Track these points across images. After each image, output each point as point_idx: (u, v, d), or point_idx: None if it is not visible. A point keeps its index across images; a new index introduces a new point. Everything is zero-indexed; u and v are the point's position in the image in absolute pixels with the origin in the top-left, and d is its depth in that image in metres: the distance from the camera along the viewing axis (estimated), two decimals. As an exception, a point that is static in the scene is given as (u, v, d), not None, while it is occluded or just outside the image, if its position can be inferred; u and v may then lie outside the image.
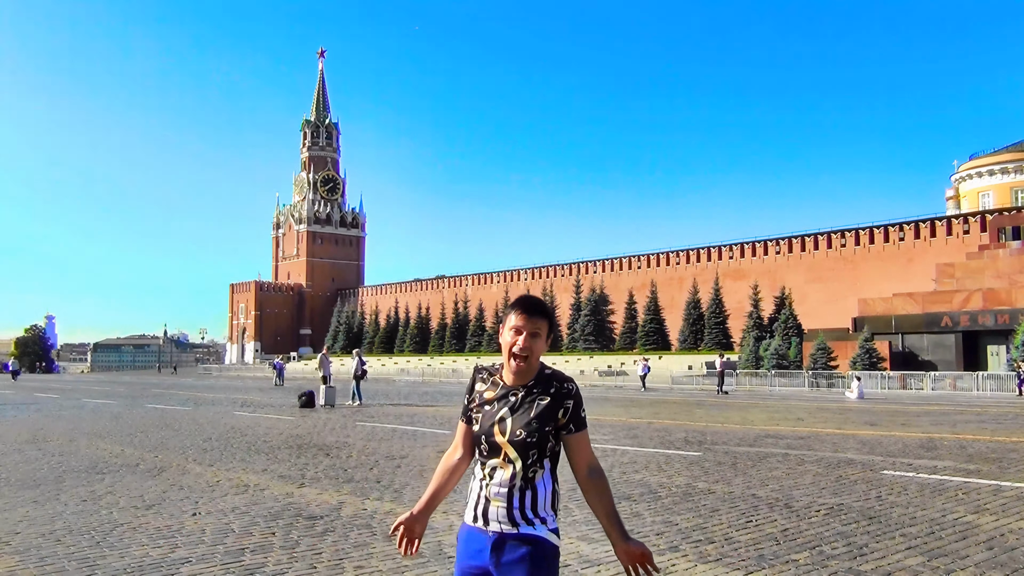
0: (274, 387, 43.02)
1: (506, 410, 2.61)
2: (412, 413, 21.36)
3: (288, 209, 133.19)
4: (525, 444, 2.55)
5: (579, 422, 2.63)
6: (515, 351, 2.62)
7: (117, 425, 17.55)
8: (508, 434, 2.57)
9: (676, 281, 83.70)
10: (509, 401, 2.62)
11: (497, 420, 2.61)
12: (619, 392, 37.80)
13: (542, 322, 2.66)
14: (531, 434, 2.55)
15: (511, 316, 2.67)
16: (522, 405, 2.60)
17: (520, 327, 2.64)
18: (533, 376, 2.65)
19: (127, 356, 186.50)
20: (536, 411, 2.58)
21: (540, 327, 2.65)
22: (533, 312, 2.66)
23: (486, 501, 2.59)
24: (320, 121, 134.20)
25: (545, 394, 2.61)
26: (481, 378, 2.75)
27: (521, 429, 2.56)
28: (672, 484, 9.17)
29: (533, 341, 2.63)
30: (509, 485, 2.56)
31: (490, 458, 2.60)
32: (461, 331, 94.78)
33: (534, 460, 2.57)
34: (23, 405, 25.47)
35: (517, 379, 2.65)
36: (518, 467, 2.56)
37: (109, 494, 8.72)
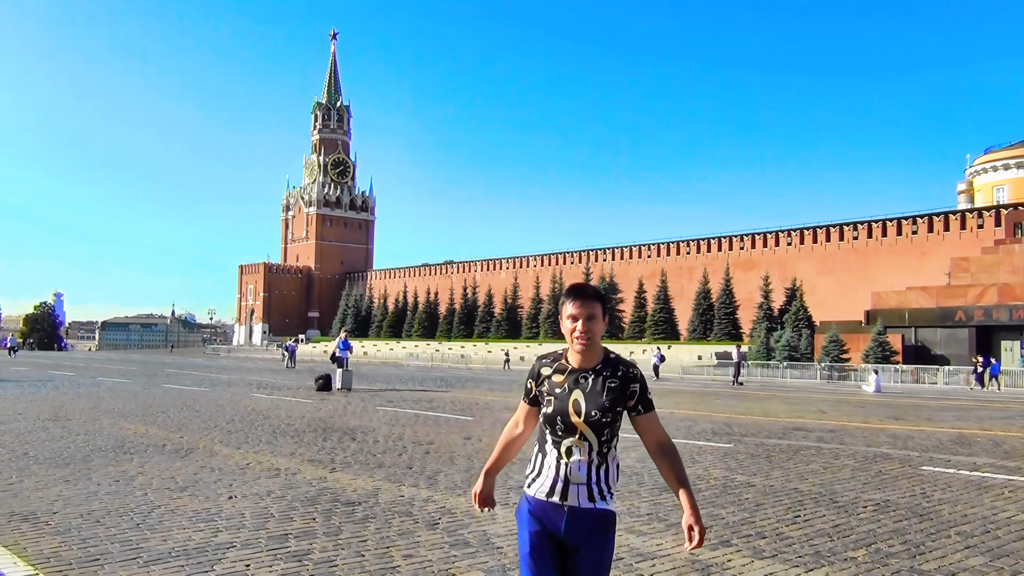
0: (286, 369, 43.01)
1: (578, 391, 2.76)
2: (430, 399, 21.28)
3: (298, 191, 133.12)
4: (600, 424, 2.73)
5: (647, 404, 2.82)
6: (577, 336, 2.79)
7: (137, 404, 17.50)
8: (583, 414, 2.73)
9: (686, 270, 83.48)
10: (580, 383, 2.77)
11: (571, 401, 2.76)
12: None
13: (595, 305, 2.82)
14: (605, 414, 2.72)
15: (566, 305, 2.84)
16: (593, 387, 2.76)
17: (576, 314, 2.80)
18: (599, 359, 2.82)
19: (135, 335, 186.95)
20: (607, 392, 2.75)
21: (595, 310, 2.81)
22: (586, 297, 2.83)
23: (565, 479, 2.75)
24: (331, 104, 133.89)
25: (614, 377, 2.78)
26: (545, 363, 2.90)
27: (596, 410, 2.72)
28: (709, 476, 9.05)
29: (591, 324, 2.80)
30: (588, 462, 2.74)
31: (565, 437, 2.76)
32: (470, 316, 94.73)
33: (607, 438, 2.77)
34: (39, 382, 25.45)
35: (584, 362, 2.81)
36: (594, 444, 2.75)
37: (141, 475, 8.63)
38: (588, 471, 2.75)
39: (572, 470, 2.75)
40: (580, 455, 2.75)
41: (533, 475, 2.85)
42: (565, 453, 2.76)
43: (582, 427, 2.74)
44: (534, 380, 2.90)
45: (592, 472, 2.76)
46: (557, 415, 2.77)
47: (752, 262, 79.46)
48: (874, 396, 27.37)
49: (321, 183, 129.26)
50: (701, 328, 73.32)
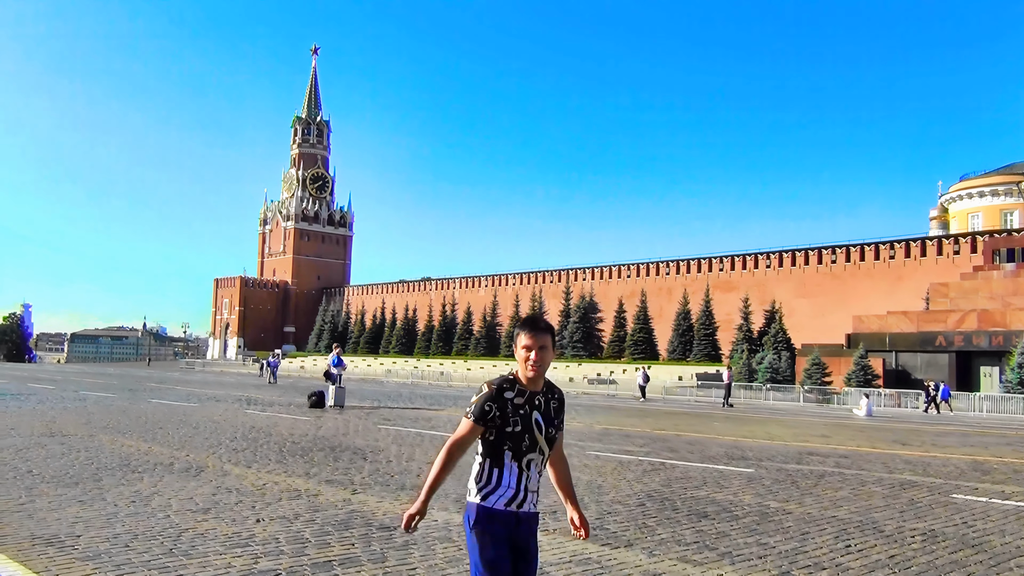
0: (268, 385, 42.40)
1: (536, 412, 3.16)
2: (427, 417, 20.96)
3: (276, 205, 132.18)
4: (553, 439, 3.21)
5: (562, 422, 3.32)
6: (530, 364, 3.15)
7: (130, 420, 17.04)
8: (544, 431, 3.16)
9: (665, 291, 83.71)
10: (537, 404, 3.17)
11: (533, 420, 3.15)
12: (617, 401, 37.52)
13: (547, 337, 3.19)
14: (557, 429, 3.24)
15: (521, 336, 3.20)
16: (546, 407, 3.20)
17: (530, 344, 3.16)
18: (543, 382, 3.22)
19: (104, 347, 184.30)
20: (555, 411, 3.24)
21: (546, 341, 3.18)
22: (539, 330, 3.20)
23: (526, 489, 3.14)
24: (311, 118, 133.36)
25: (554, 398, 3.25)
26: (508, 387, 3.18)
27: (551, 427, 3.20)
28: (742, 503, 8.87)
29: (543, 353, 3.17)
30: (539, 472, 3.19)
31: (528, 452, 3.13)
32: (448, 334, 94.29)
33: (551, 451, 3.25)
34: (21, 396, 24.78)
35: (534, 385, 3.18)
36: (545, 455, 3.20)
37: (156, 495, 8.31)
38: (538, 480, 3.18)
39: (532, 481, 3.15)
40: (537, 467, 3.17)
41: (489, 487, 3.13)
42: (526, 466, 3.13)
43: (542, 442, 3.15)
44: (497, 403, 3.13)
45: (538, 481, 3.19)
46: (525, 433, 3.13)
47: (731, 284, 79.82)
48: (866, 420, 27.40)
49: (299, 198, 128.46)
50: (681, 349, 73.44)
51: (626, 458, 12.77)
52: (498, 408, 3.12)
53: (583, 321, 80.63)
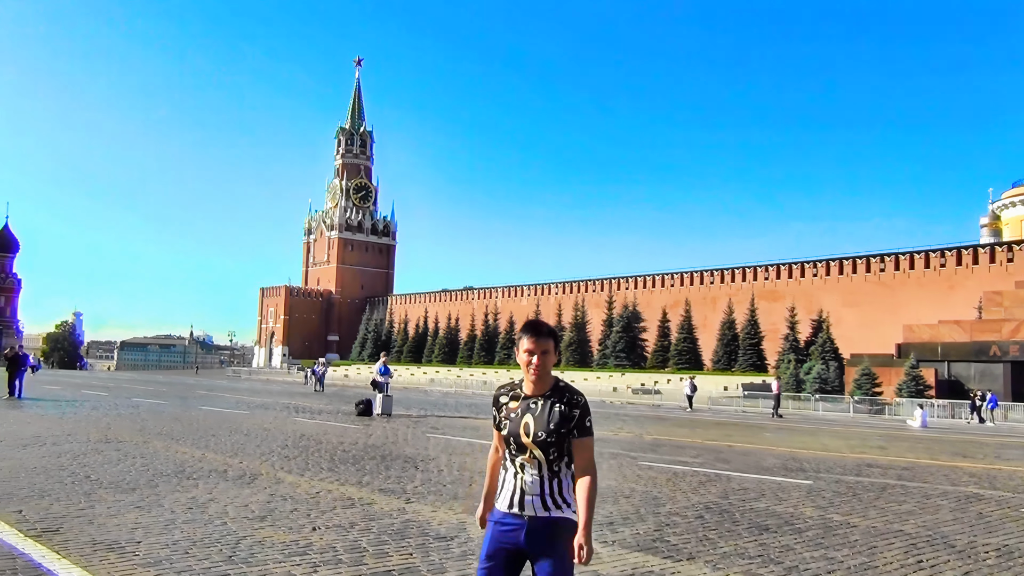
0: (314, 393, 42.71)
1: (528, 415, 3.13)
2: (475, 426, 20.93)
3: (320, 215, 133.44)
4: (545, 443, 3.10)
5: (583, 429, 3.13)
6: (531, 368, 3.16)
7: (183, 427, 17.22)
8: (532, 435, 3.10)
9: (709, 300, 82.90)
10: (531, 408, 3.15)
11: (522, 424, 3.13)
12: (663, 411, 37.13)
13: (549, 342, 3.20)
14: (550, 435, 3.09)
15: (523, 340, 3.22)
16: (542, 411, 3.12)
17: (532, 348, 3.17)
18: (549, 387, 3.18)
19: (152, 355, 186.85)
20: (552, 416, 3.11)
21: (548, 346, 3.19)
22: (541, 334, 3.20)
23: (521, 491, 3.13)
24: (355, 129, 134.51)
25: (560, 402, 3.13)
26: (504, 392, 3.29)
27: (542, 431, 3.10)
28: (803, 515, 8.66)
29: (544, 358, 3.16)
30: (539, 477, 3.11)
31: (518, 455, 3.14)
32: (491, 343, 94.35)
33: (555, 456, 3.11)
34: (77, 403, 25.19)
35: (535, 390, 3.18)
36: (542, 461, 3.11)
37: (212, 502, 8.33)
38: (540, 484, 3.11)
39: (526, 483, 3.12)
40: (531, 471, 3.12)
41: (499, 489, 3.23)
42: (520, 468, 3.14)
43: (531, 447, 3.10)
44: (495, 407, 3.28)
45: (544, 485, 3.12)
46: (511, 436, 3.16)
47: (777, 293, 78.81)
48: (922, 431, 26.80)
49: (343, 207, 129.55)
50: (725, 359, 72.65)
51: (680, 469, 12.59)
52: (498, 411, 3.27)
53: (626, 331, 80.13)
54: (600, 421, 25.22)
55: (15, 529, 6.79)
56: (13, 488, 8.74)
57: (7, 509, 7.58)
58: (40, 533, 6.69)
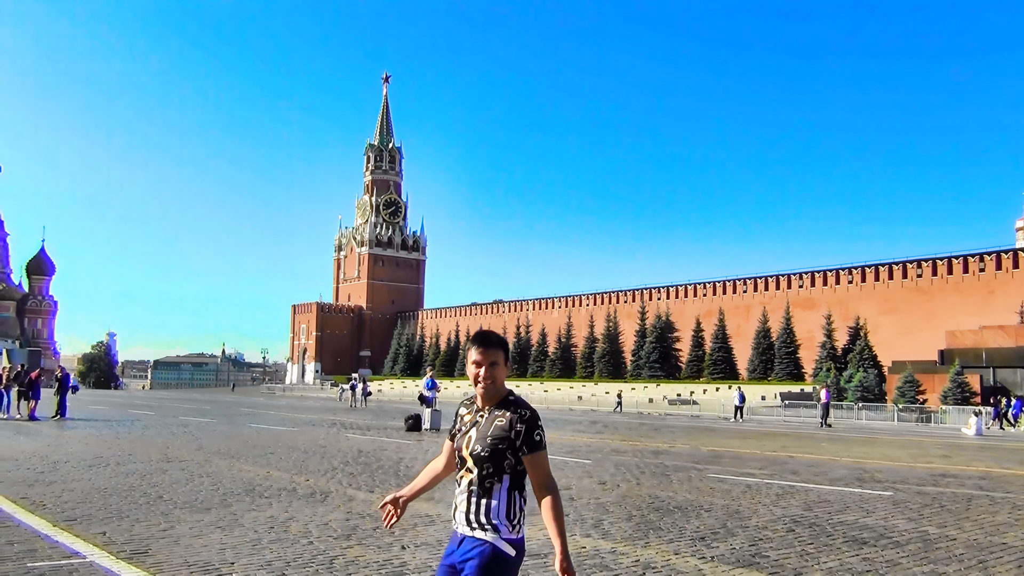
0: (354, 408, 42.69)
1: (474, 429, 3.00)
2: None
3: (350, 232, 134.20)
4: (480, 457, 2.91)
5: (531, 444, 2.92)
6: (479, 380, 3.00)
7: (238, 445, 17.20)
8: (469, 448, 2.96)
9: (743, 309, 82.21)
10: (476, 421, 3.02)
11: (466, 437, 3.01)
12: (707, 422, 36.72)
13: (498, 352, 3.03)
14: (484, 448, 2.91)
15: (471, 351, 3.05)
16: (485, 424, 2.97)
17: (480, 360, 3.01)
18: (498, 400, 3.01)
19: (186, 374, 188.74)
20: (492, 430, 2.93)
21: (496, 356, 3.02)
22: (489, 344, 3.04)
23: (455, 506, 3.00)
24: (383, 145, 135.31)
25: (502, 416, 2.95)
26: (464, 404, 3.17)
27: (477, 444, 2.93)
28: (897, 528, 8.39)
29: (493, 369, 3.00)
30: (467, 492, 2.95)
31: (461, 469, 3.01)
32: (523, 356, 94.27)
33: (489, 472, 2.90)
34: (127, 422, 25.30)
35: (485, 401, 3.04)
36: (474, 477, 2.93)
37: (291, 521, 8.23)
38: (467, 501, 2.94)
39: (459, 499, 2.98)
40: (464, 484, 2.96)
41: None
42: (459, 483, 3.01)
43: (468, 460, 2.95)
44: (455, 417, 3.18)
45: (471, 502, 2.92)
46: (457, 449, 3.06)
47: (812, 301, 77.92)
48: (978, 439, 26.26)
49: (373, 223, 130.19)
50: (761, 368, 72.05)
51: (751, 480, 12.34)
52: (454, 422, 3.18)
53: (659, 341, 79.74)
54: (650, 433, 25.10)
55: (105, 552, 6.72)
56: (91, 510, 8.69)
57: (91, 531, 7.52)
58: (131, 555, 6.61)
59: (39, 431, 20.45)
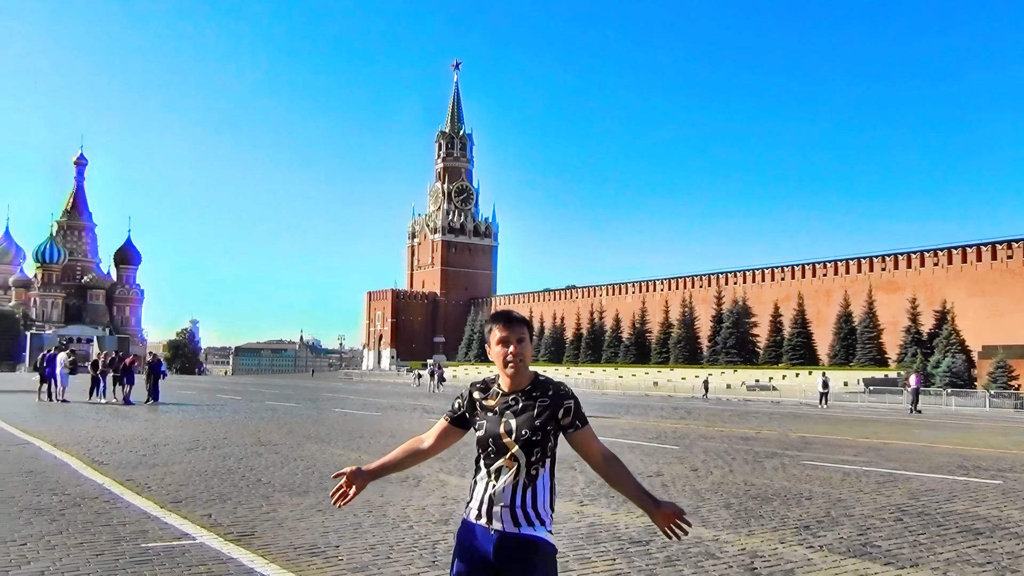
0: (431, 393, 43.16)
1: (510, 413, 2.78)
2: (608, 425, 20.66)
3: (423, 219, 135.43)
4: (530, 442, 2.74)
5: (583, 419, 2.86)
6: (508, 359, 2.82)
7: (327, 429, 17.52)
8: (515, 434, 2.74)
9: (823, 293, 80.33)
10: (511, 406, 2.80)
11: (502, 423, 2.78)
12: (789, 408, 36.04)
13: (523, 329, 2.88)
14: (535, 432, 2.74)
15: (494, 331, 2.88)
16: (524, 408, 2.78)
17: (506, 337, 2.85)
18: (530, 381, 2.85)
19: (265, 360, 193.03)
20: (538, 411, 2.76)
21: (523, 333, 2.87)
22: (513, 321, 2.89)
23: (491, 500, 2.75)
24: (454, 132, 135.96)
25: (545, 396, 2.80)
26: (477, 388, 2.93)
27: (526, 429, 2.74)
28: (1012, 518, 8.05)
29: (521, 347, 2.83)
30: (512, 483, 2.73)
31: (497, 459, 2.77)
32: (597, 341, 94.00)
33: (537, 458, 2.76)
34: (216, 407, 25.99)
35: (515, 384, 2.84)
36: (522, 464, 2.74)
37: (388, 505, 8.28)
38: (512, 493, 2.74)
39: (497, 491, 2.75)
40: (507, 476, 2.75)
41: (468, 499, 2.87)
42: (494, 475, 2.77)
43: (513, 447, 2.74)
44: (464, 402, 2.93)
45: (517, 494, 2.74)
46: (489, 437, 2.80)
47: (895, 284, 75.69)
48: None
49: (445, 211, 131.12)
50: (843, 353, 70.47)
51: (847, 468, 12.03)
52: (468, 408, 2.93)
53: (736, 326, 78.61)
54: (734, 419, 24.75)
55: (213, 533, 6.86)
56: (194, 492, 8.91)
57: (197, 513, 7.70)
58: (238, 537, 6.74)
59: (135, 415, 21.14)
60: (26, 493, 8.60)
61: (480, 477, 2.82)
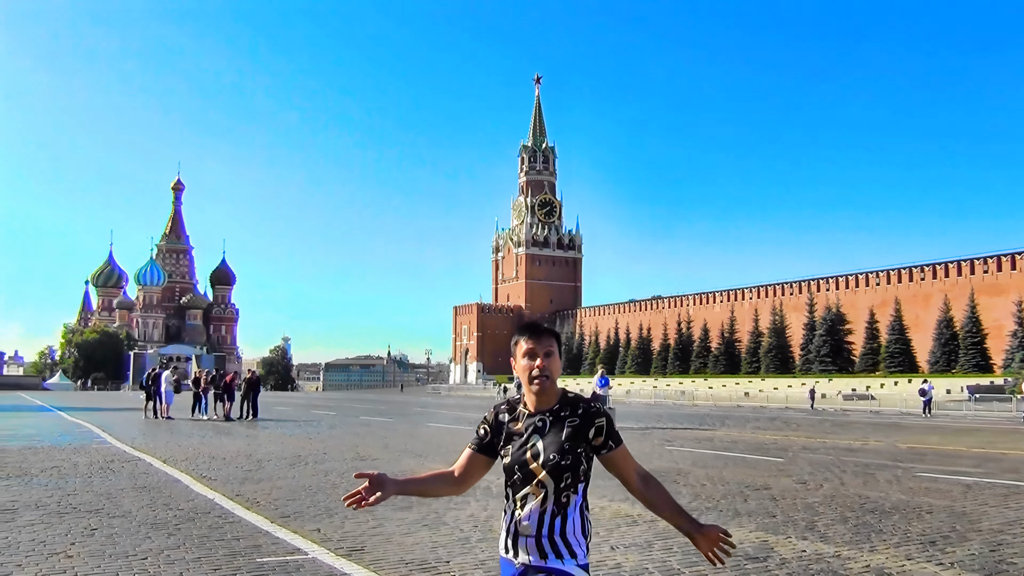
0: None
1: (536, 436, 2.57)
2: (707, 437, 20.35)
3: (507, 233, 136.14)
4: (559, 467, 2.52)
5: (616, 438, 2.62)
6: (535, 374, 2.60)
7: (422, 444, 17.66)
8: (542, 458, 2.53)
9: (921, 298, 77.59)
10: (538, 427, 2.58)
11: (529, 447, 2.57)
12: (891, 418, 34.78)
13: (551, 341, 2.65)
14: (564, 456, 2.52)
15: (520, 343, 2.66)
16: (552, 429, 2.57)
17: (533, 349, 2.62)
18: (557, 399, 2.63)
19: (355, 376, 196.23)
20: (567, 433, 2.55)
21: (551, 346, 2.64)
22: (541, 333, 2.66)
23: (515, 531, 2.54)
24: (537, 146, 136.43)
25: (574, 415, 2.58)
26: (502, 410, 2.69)
27: (555, 453, 2.53)
28: None
29: (549, 360, 2.61)
30: (540, 511, 2.51)
31: (523, 487, 2.55)
32: (684, 352, 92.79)
33: (567, 484, 2.52)
34: (312, 422, 26.43)
35: (541, 403, 2.63)
36: (550, 491, 2.51)
37: (492, 519, 8.20)
38: (539, 522, 2.50)
39: (522, 521, 2.53)
40: (532, 504, 2.52)
41: (501, 531, 2.64)
42: (520, 503, 2.55)
43: (540, 473, 2.52)
44: (489, 426, 2.68)
45: (544, 523, 2.50)
46: (515, 464, 2.58)
47: (999, 287, 72.61)
48: None
49: (529, 224, 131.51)
50: (944, 360, 67.94)
51: (967, 480, 11.48)
52: (494, 433, 2.66)
53: (830, 334, 76.61)
54: (835, 430, 24.02)
55: (324, 548, 6.90)
56: (301, 507, 9.02)
57: (306, 528, 7.78)
58: (348, 552, 6.77)
59: (236, 431, 21.68)
60: (142, 508, 8.85)
61: (508, 507, 2.61)
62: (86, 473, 11.98)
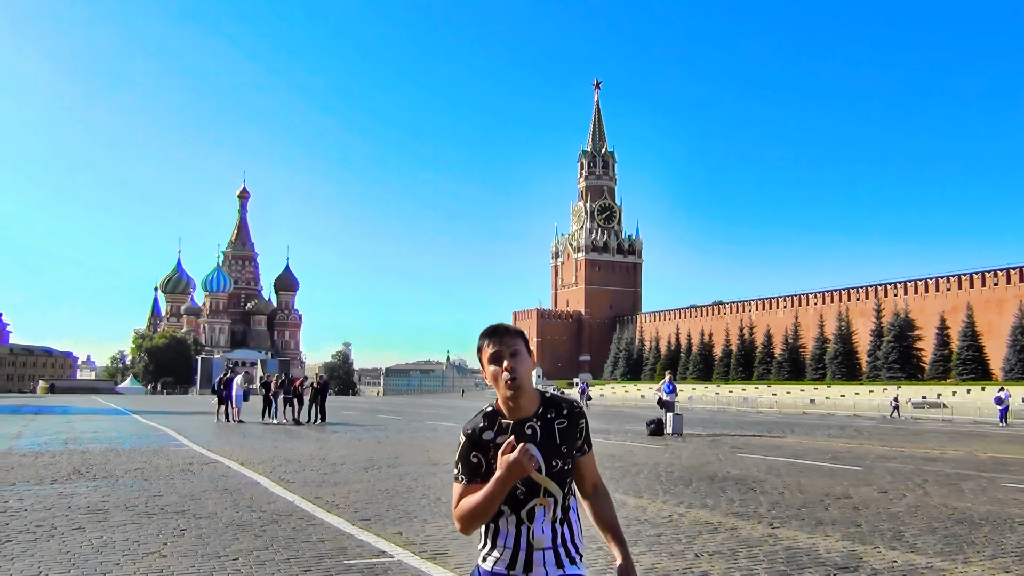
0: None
1: (531, 445, 2.36)
2: (776, 444, 19.99)
3: (566, 238, 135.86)
4: (562, 472, 2.43)
5: (590, 441, 2.55)
6: (506, 377, 2.40)
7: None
8: (544, 468, 2.38)
9: (994, 303, 75.30)
10: (528, 436, 2.40)
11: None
12: (966, 426, 33.83)
13: (516, 340, 2.48)
14: (565, 460, 2.44)
15: (484, 348, 2.47)
16: (543, 434, 2.42)
17: (497, 352, 2.45)
18: (538, 401, 2.47)
19: (414, 380, 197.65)
20: (560, 436, 2.44)
21: (516, 345, 2.46)
22: (503, 333, 2.49)
23: (527, 547, 2.38)
24: (596, 151, 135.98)
25: (560, 416, 2.46)
26: (483, 427, 2.45)
27: (556, 459, 2.42)
28: None
29: (515, 360, 2.43)
30: (551, 521, 2.40)
31: (528, 500, 2.39)
32: (747, 358, 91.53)
33: (568, 488, 2.46)
34: (379, 427, 26.61)
35: (519, 409, 2.43)
36: (558, 499, 2.42)
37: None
38: (553, 532, 2.40)
39: (535, 535, 2.39)
40: (545, 516, 2.40)
41: (486, 549, 2.46)
42: (527, 517, 2.40)
43: (546, 483, 2.39)
44: (480, 451, 2.42)
45: (557, 532, 2.41)
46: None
47: (1078, 291, 70.16)
48: None
49: (588, 229, 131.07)
50: (1020, 367, 65.86)
51: (1057, 491, 11.14)
52: (486, 456, 2.40)
53: (898, 340, 74.83)
54: (910, 438, 23.44)
55: (408, 551, 6.98)
56: (380, 510, 9.12)
57: (388, 531, 7.87)
58: (433, 555, 6.83)
59: (306, 435, 22.02)
60: (227, 509, 9.04)
61: (505, 523, 2.42)
62: (168, 475, 12.29)
